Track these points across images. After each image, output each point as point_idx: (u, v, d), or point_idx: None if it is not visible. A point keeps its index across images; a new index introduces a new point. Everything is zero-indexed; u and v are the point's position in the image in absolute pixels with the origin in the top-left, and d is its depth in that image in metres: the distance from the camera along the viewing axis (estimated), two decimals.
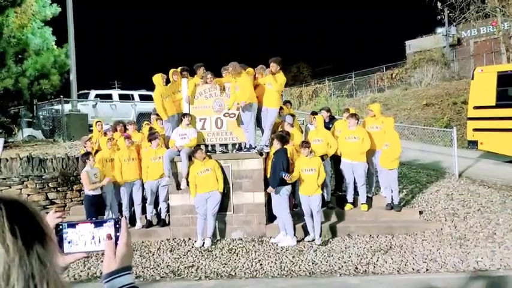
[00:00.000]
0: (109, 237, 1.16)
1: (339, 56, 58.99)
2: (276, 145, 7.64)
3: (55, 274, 0.78)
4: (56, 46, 16.68)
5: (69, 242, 1.17)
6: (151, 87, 9.19)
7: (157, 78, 8.58)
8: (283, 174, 7.28)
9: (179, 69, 8.95)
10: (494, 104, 11.69)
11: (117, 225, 1.19)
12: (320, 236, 7.54)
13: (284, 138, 7.72)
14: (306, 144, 7.62)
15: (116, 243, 1.16)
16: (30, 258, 0.73)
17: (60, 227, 1.17)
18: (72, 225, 1.19)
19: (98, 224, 1.20)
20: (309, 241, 7.58)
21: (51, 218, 1.16)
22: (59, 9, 16.70)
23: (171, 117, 8.70)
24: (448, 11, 19.58)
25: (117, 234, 1.17)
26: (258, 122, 8.60)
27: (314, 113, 9.30)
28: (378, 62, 30.83)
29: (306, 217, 7.62)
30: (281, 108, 9.56)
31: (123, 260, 1.11)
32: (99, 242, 1.18)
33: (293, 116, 9.04)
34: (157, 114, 10.71)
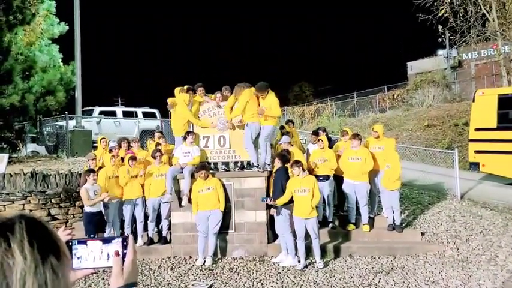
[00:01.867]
0: (117, 253, 1.21)
1: (341, 76, 59.51)
2: (277, 164, 7.70)
3: (66, 286, 0.84)
4: (62, 63, 16.95)
5: (78, 258, 1.22)
6: (155, 104, 9.30)
7: (184, 97, 8.60)
8: (265, 200, 7.33)
9: (185, 87, 9.08)
10: (495, 127, 11.77)
11: (125, 243, 1.24)
12: (321, 259, 7.40)
13: (285, 157, 7.79)
14: (297, 163, 7.30)
15: (123, 260, 1.21)
16: (45, 268, 0.80)
17: (70, 243, 1.23)
18: (82, 242, 1.25)
19: (107, 241, 1.25)
20: (293, 266, 7.25)
21: (61, 235, 1.22)
22: (67, 28, 17.02)
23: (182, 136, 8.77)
24: (449, 34, 19.85)
25: (124, 251, 1.23)
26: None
27: (315, 133, 9.39)
28: (379, 82, 31.07)
29: (299, 240, 7.30)
30: (282, 127, 9.66)
31: (129, 276, 1.17)
32: (108, 258, 1.24)
33: (288, 133, 9.14)
34: (161, 132, 10.83)
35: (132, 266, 1.19)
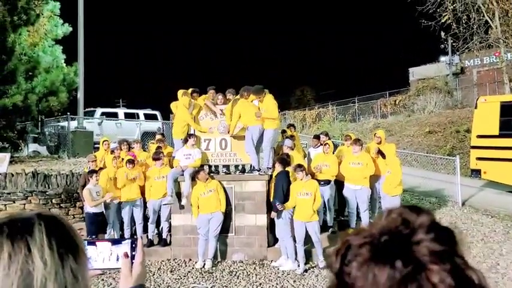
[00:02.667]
0: (126, 255, 1.22)
1: (342, 81, 59.61)
2: (278, 168, 7.70)
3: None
4: (65, 64, 17.00)
5: (88, 258, 1.23)
6: (156, 106, 9.36)
7: (184, 100, 8.65)
8: (276, 203, 7.31)
9: (190, 90, 9.10)
10: (497, 134, 11.75)
11: (134, 245, 1.24)
12: (323, 259, 7.34)
13: (285, 160, 7.79)
14: (300, 167, 7.40)
15: (132, 262, 1.21)
16: (65, 272, 0.79)
17: None
18: (91, 243, 1.25)
19: (116, 242, 1.26)
20: (292, 270, 7.26)
21: None
22: (70, 29, 17.09)
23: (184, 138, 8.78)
24: (452, 41, 19.86)
25: (133, 253, 1.23)
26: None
27: (317, 137, 9.40)
28: (381, 88, 31.03)
29: (298, 244, 7.31)
30: (284, 131, 9.66)
31: (138, 278, 1.17)
32: (117, 260, 1.24)
33: (292, 136, 9.13)
34: (162, 134, 10.85)
35: (141, 268, 1.19)
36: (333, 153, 8.87)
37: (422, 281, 0.51)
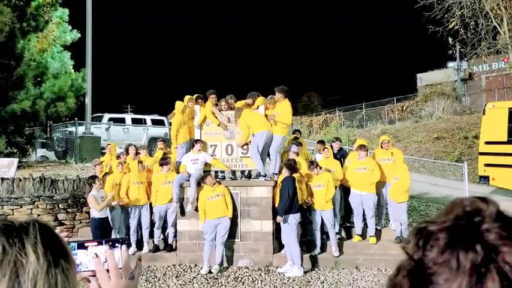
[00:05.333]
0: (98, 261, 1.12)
1: (350, 87, 59.56)
2: (285, 173, 7.68)
3: None
4: (73, 70, 17.18)
5: (78, 265, 1.14)
6: (164, 112, 9.43)
7: (180, 106, 8.74)
8: (278, 215, 7.54)
9: (195, 96, 9.13)
10: (505, 140, 11.64)
11: (117, 245, 1.16)
12: (337, 249, 7.96)
13: (292, 166, 7.77)
14: (312, 164, 8.04)
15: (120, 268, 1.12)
16: (56, 270, 0.80)
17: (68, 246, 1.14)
18: (82, 246, 1.17)
19: (110, 245, 1.16)
20: (315, 254, 7.96)
21: None
22: (79, 35, 17.28)
23: (185, 143, 8.80)
24: (460, 47, 19.76)
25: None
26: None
27: (321, 142, 9.40)
28: (388, 93, 30.91)
29: (315, 230, 8.02)
30: (296, 138, 9.64)
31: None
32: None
33: (300, 143, 9.12)
34: (163, 140, 10.89)
35: (116, 280, 1.10)
36: (337, 158, 8.85)
37: (500, 262, 0.56)
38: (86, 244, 1.19)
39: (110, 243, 1.19)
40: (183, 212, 8.35)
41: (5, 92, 13.98)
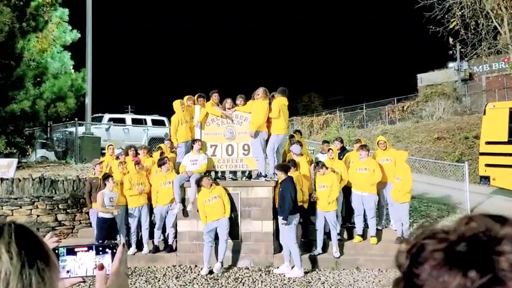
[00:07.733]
0: (100, 267, 1.10)
1: (350, 87, 59.55)
2: (281, 175, 7.62)
3: None
4: (73, 70, 17.15)
5: (68, 271, 1.11)
6: (164, 112, 9.42)
7: (176, 104, 8.74)
8: (281, 218, 7.45)
9: (196, 96, 9.10)
10: (506, 140, 11.61)
11: (114, 251, 1.13)
12: (338, 250, 7.92)
13: (285, 166, 7.72)
14: (321, 164, 8.04)
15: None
16: (30, 270, 0.79)
17: (57, 251, 1.11)
18: (71, 251, 1.13)
19: (101, 252, 1.13)
20: (314, 254, 7.93)
21: (48, 243, 1.13)
22: (79, 35, 17.25)
23: (185, 143, 8.78)
24: (460, 47, 19.72)
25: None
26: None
27: (326, 142, 9.37)
28: (389, 94, 30.85)
29: (317, 231, 8.01)
30: (292, 136, 9.62)
31: None
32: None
33: (301, 144, 9.09)
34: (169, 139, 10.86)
35: (116, 279, 1.06)
36: (340, 159, 8.82)
37: None
38: (75, 249, 1.15)
39: (100, 248, 1.15)
40: (185, 213, 8.32)
41: (4, 92, 13.96)
